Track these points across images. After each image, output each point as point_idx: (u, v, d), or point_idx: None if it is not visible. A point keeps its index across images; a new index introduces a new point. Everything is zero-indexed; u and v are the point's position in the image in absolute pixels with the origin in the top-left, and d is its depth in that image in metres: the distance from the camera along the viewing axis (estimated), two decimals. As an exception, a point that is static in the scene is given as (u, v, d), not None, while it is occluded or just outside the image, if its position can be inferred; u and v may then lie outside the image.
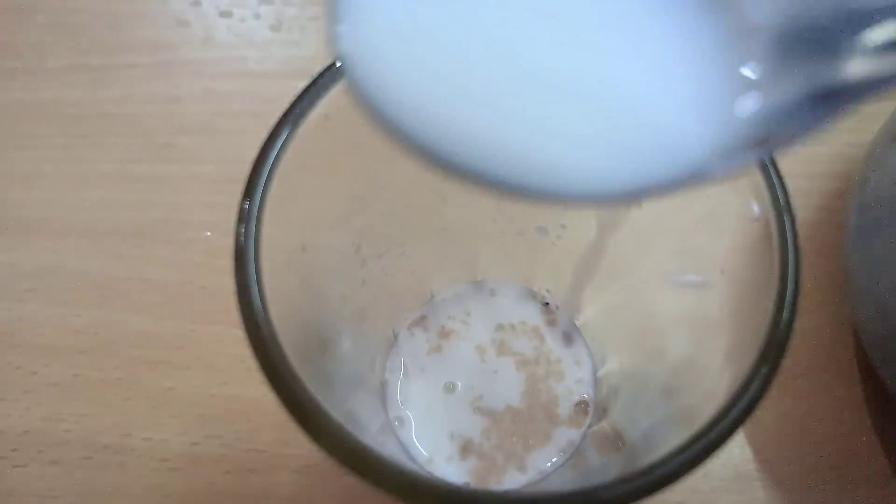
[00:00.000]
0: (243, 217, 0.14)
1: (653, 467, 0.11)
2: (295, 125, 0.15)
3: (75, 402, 0.25)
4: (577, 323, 0.23)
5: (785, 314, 0.12)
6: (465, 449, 0.22)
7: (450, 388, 0.23)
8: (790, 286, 0.12)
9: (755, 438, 0.25)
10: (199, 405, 0.25)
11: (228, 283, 0.14)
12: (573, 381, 0.22)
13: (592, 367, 0.22)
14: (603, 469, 0.19)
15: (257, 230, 0.14)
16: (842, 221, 0.26)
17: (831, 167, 0.31)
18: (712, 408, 0.12)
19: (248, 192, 0.14)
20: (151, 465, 0.24)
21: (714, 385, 0.12)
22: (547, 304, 0.24)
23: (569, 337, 0.23)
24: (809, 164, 0.31)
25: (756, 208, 0.14)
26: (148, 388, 0.26)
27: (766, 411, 0.25)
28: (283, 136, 0.15)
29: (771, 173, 0.14)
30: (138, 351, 0.26)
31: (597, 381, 0.22)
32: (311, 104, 0.15)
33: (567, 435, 0.21)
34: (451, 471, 0.21)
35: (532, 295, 0.24)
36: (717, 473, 0.25)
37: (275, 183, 0.15)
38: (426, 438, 0.22)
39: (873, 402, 0.26)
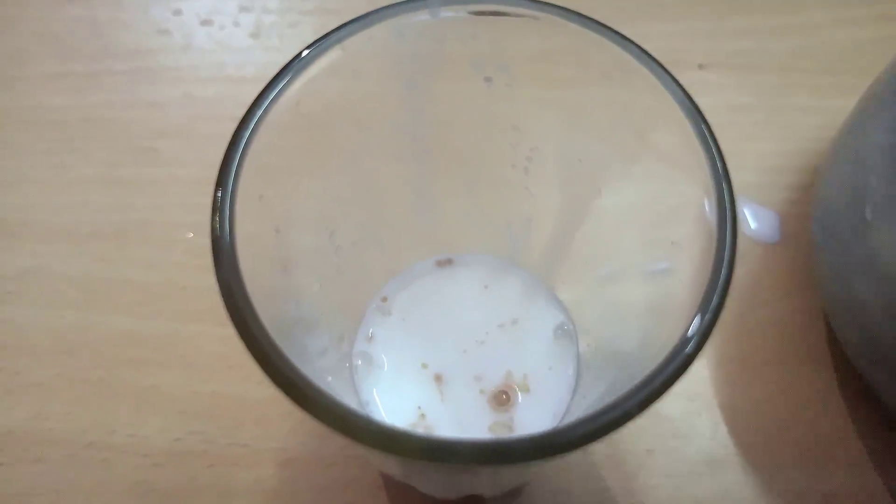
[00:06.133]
0: (216, 207, 0.15)
1: (602, 412, 0.12)
2: (265, 112, 0.15)
3: (59, 402, 0.26)
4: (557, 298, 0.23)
5: (723, 271, 0.13)
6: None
7: (419, 361, 0.22)
8: (728, 242, 0.13)
9: (729, 423, 0.26)
10: (181, 402, 0.26)
11: (209, 282, 0.14)
12: (555, 353, 0.22)
13: (574, 340, 0.22)
14: None
15: (231, 219, 0.15)
16: (809, 212, 0.26)
17: (798, 161, 0.32)
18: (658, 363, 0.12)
19: (220, 181, 0.15)
20: (135, 462, 0.25)
21: (666, 348, 0.13)
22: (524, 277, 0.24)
23: (549, 310, 0.23)
24: (778, 159, 0.32)
25: (707, 204, 0.15)
26: (130, 387, 0.26)
27: (739, 397, 0.26)
28: (253, 122, 0.15)
29: (713, 150, 0.15)
30: (121, 350, 0.27)
31: (578, 355, 0.22)
32: (282, 90, 0.15)
33: (549, 408, 0.21)
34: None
35: (508, 270, 0.24)
36: (690, 458, 0.25)
37: (246, 171, 0.15)
38: (395, 412, 0.22)
39: (845, 385, 0.26)
